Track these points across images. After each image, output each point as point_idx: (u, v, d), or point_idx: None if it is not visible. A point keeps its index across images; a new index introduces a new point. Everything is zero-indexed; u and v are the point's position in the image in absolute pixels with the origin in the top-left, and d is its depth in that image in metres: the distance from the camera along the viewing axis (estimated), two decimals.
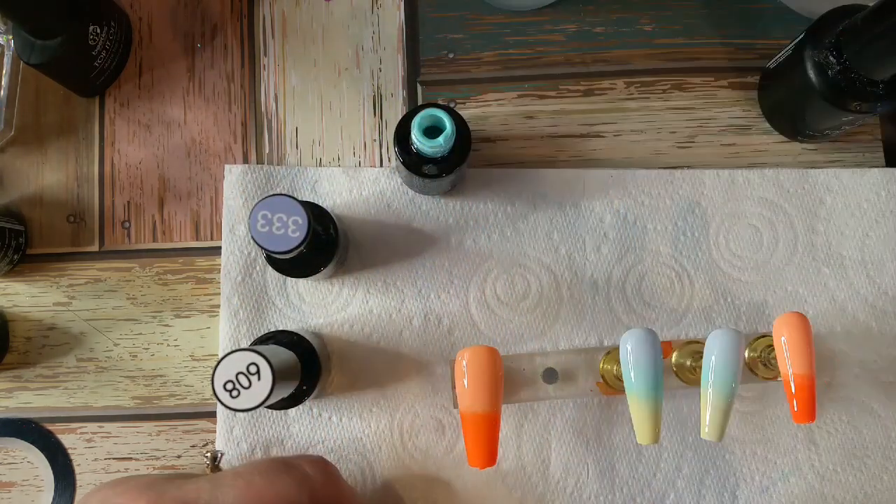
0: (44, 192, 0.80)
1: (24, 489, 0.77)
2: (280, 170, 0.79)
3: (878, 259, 0.78)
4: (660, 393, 0.62)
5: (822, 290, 0.78)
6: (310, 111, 0.81)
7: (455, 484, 0.75)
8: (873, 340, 0.77)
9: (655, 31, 0.83)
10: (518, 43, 0.82)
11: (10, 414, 0.78)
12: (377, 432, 0.76)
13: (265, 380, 0.59)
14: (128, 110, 0.81)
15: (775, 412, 0.76)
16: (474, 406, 0.62)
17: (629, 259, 0.78)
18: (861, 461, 0.76)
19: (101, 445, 0.77)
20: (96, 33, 0.75)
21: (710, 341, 0.63)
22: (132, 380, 0.78)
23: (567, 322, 0.77)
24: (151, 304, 0.79)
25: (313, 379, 0.70)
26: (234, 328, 0.77)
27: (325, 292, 0.77)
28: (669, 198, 0.78)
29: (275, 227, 0.61)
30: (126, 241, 0.80)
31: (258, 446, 0.75)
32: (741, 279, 0.78)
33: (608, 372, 0.72)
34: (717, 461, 0.76)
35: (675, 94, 0.82)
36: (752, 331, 0.77)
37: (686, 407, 0.76)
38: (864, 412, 0.76)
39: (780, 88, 0.77)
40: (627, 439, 0.76)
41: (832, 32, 0.69)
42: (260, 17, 0.83)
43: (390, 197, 0.78)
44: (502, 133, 0.81)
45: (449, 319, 0.77)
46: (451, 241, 0.78)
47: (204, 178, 0.81)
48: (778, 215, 0.78)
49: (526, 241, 0.78)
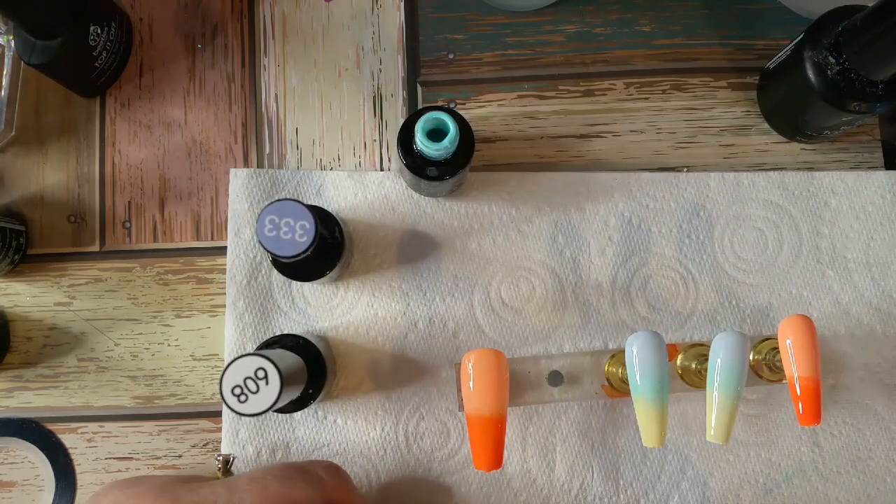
0: (44, 192, 0.80)
1: (24, 489, 0.77)
2: (285, 173, 0.79)
3: (882, 262, 0.78)
4: (665, 396, 0.62)
5: (827, 293, 0.78)
6: (310, 111, 0.81)
7: (460, 487, 0.75)
8: (877, 343, 0.77)
9: (655, 32, 0.83)
10: (518, 43, 0.83)
11: (11, 414, 0.78)
12: (382, 435, 0.76)
13: (273, 384, 0.59)
14: (128, 110, 0.81)
15: (779, 415, 0.77)
16: (480, 409, 0.62)
17: (634, 262, 0.78)
18: (865, 463, 0.76)
19: (102, 445, 0.77)
20: (97, 34, 0.75)
21: (716, 344, 0.63)
22: (133, 380, 0.78)
23: (572, 325, 0.77)
24: (152, 304, 0.79)
25: (319, 382, 0.70)
26: (240, 331, 0.77)
27: (330, 296, 0.77)
28: (674, 200, 0.79)
29: (282, 231, 0.61)
30: (127, 241, 0.80)
31: (264, 449, 0.75)
32: (746, 282, 0.78)
33: (613, 375, 0.72)
34: (722, 463, 0.76)
35: (675, 94, 0.82)
36: (757, 333, 0.77)
37: (691, 409, 0.76)
38: (868, 415, 0.77)
39: (780, 89, 0.77)
40: (632, 442, 0.76)
41: (831, 33, 0.69)
42: (260, 17, 0.83)
43: (395, 200, 0.78)
44: (502, 133, 0.81)
45: (454, 323, 0.77)
46: (455, 244, 0.78)
47: (204, 179, 0.80)
48: (783, 218, 0.79)
49: (530, 244, 0.78)
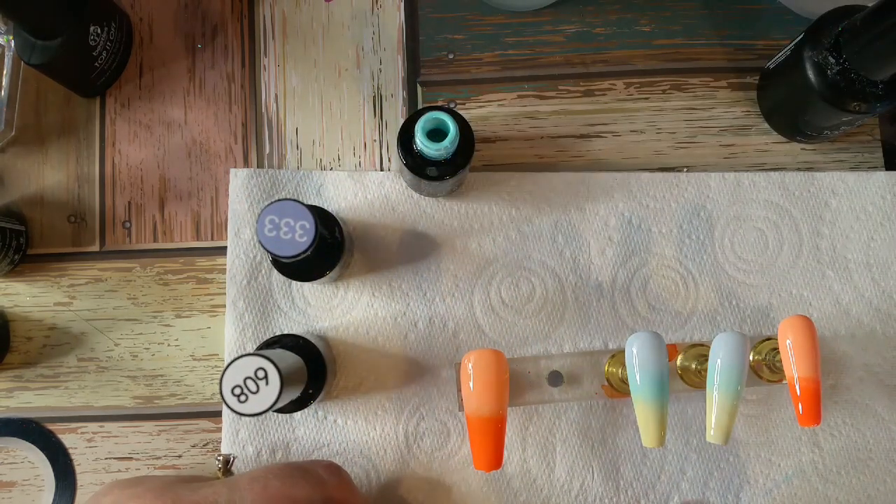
0: (44, 192, 0.80)
1: (24, 489, 0.77)
2: (285, 173, 0.79)
3: (882, 262, 0.78)
4: (665, 396, 0.62)
5: (827, 294, 0.78)
6: (310, 111, 0.81)
7: (460, 487, 0.75)
8: (878, 343, 0.77)
9: (655, 32, 0.83)
10: (518, 44, 0.83)
11: (11, 414, 0.78)
12: (382, 435, 0.76)
13: (273, 384, 0.59)
14: (128, 110, 0.81)
15: (779, 415, 0.77)
16: (480, 409, 0.62)
17: (634, 262, 0.78)
18: (864, 464, 0.76)
19: (102, 445, 0.77)
20: (97, 34, 0.75)
21: (716, 344, 0.63)
22: (133, 380, 0.78)
23: (572, 325, 0.77)
24: (152, 304, 0.79)
25: (319, 382, 0.70)
26: (240, 332, 0.77)
27: (331, 296, 0.77)
28: (675, 201, 0.79)
29: (282, 231, 0.61)
30: (127, 241, 0.80)
31: (264, 449, 0.75)
32: (746, 282, 0.78)
33: (613, 375, 0.72)
34: (721, 464, 0.76)
35: (675, 94, 0.82)
36: (757, 334, 0.77)
37: (690, 410, 0.76)
38: (868, 415, 0.77)
39: (780, 89, 0.77)
40: (632, 442, 0.76)
41: (831, 33, 0.69)
42: (260, 17, 0.83)
43: (395, 200, 0.78)
44: (502, 133, 0.81)
45: (454, 323, 0.77)
46: (455, 244, 0.78)
47: (204, 179, 0.80)
48: (783, 218, 0.79)
49: (530, 244, 0.78)
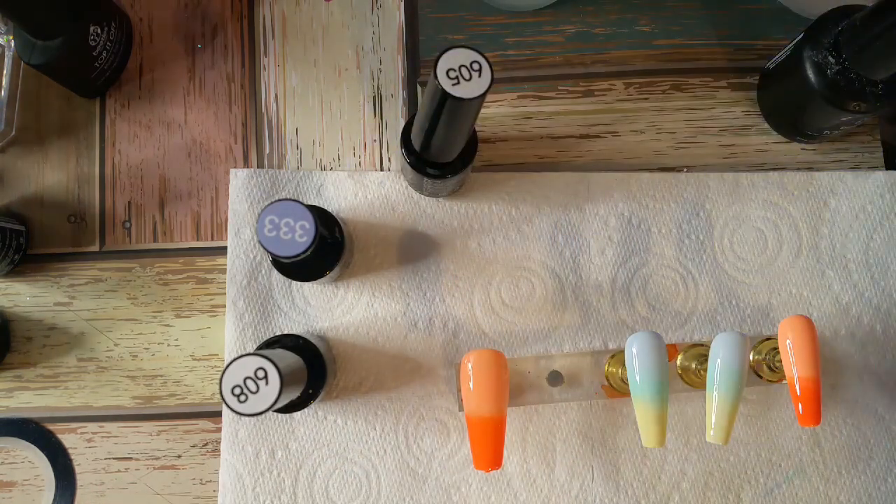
0: (44, 192, 0.80)
1: (24, 489, 0.77)
2: (285, 173, 0.79)
3: (882, 261, 0.78)
4: (665, 396, 0.62)
5: (827, 293, 0.78)
6: (310, 111, 0.81)
7: (460, 487, 0.75)
8: (878, 343, 0.77)
9: (654, 32, 0.83)
10: (517, 44, 0.82)
11: (11, 414, 0.78)
12: (382, 435, 0.76)
13: (273, 384, 0.59)
14: (128, 111, 0.81)
15: (780, 415, 0.76)
16: (480, 409, 0.62)
17: (634, 262, 0.78)
18: (865, 463, 0.76)
19: (102, 445, 0.77)
20: (97, 34, 0.75)
21: (716, 344, 0.63)
22: (132, 380, 0.78)
23: (572, 325, 0.77)
24: (152, 304, 0.79)
25: (319, 382, 0.70)
26: (240, 331, 0.77)
27: (331, 296, 0.77)
28: (674, 200, 0.79)
29: (282, 231, 0.61)
30: (127, 241, 0.80)
31: (263, 449, 0.75)
32: (746, 282, 0.78)
33: (613, 375, 0.72)
34: (722, 464, 0.76)
35: (675, 94, 0.82)
36: (757, 334, 0.77)
37: (690, 410, 0.76)
38: (869, 414, 0.77)
39: (780, 89, 0.77)
40: (632, 442, 0.76)
41: (831, 33, 0.69)
42: (260, 17, 0.83)
43: (395, 200, 0.78)
44: (502, 134, 0.81)
45: (454, 323, 0.77)
46: (455, 244, 0.78)
47: (204, 179, 0.80)
48: (782, 218, 0.79)
49: (530, 244, 0.78)
